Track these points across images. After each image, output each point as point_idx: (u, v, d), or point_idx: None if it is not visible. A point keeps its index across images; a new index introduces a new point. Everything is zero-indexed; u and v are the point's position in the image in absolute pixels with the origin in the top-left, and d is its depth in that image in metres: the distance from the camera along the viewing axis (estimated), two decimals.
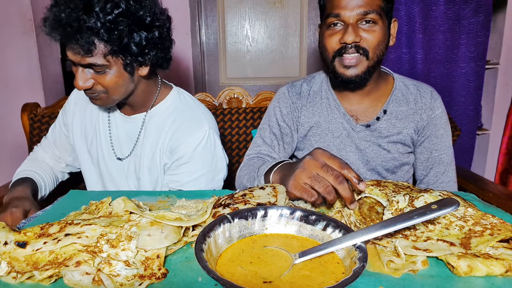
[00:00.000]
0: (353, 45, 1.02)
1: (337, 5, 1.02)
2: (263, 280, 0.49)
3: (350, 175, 0.72)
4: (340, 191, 0.72)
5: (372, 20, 1.02)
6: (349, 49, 1.03)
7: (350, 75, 1.06)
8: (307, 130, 1.22)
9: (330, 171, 0.73)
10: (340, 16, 1.02)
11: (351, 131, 1.17)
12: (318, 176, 0.74)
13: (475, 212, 0.68)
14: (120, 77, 1.05)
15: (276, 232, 0.62)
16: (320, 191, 0.73)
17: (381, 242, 0.62)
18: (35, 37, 2.11)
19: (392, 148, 1.16)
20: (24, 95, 2.12)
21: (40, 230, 0.61)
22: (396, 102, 1.17)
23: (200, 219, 0.65)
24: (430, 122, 1.16)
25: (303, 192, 0.76)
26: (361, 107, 1.17)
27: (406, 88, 1.19)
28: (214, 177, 1.17)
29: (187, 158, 1.13)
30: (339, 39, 1.04)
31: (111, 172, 1.24)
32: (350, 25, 1.02)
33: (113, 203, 0.71)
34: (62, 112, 1.33)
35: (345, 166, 0.73)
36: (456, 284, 0.54)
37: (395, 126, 1.15)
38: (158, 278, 0.55)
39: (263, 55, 2.72)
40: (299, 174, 0.76)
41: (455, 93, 2.26)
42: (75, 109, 1.29)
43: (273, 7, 2.63)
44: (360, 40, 1.02)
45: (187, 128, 1.14)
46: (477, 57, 2.19)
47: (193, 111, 1.19)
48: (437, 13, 2.11)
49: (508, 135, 2.33)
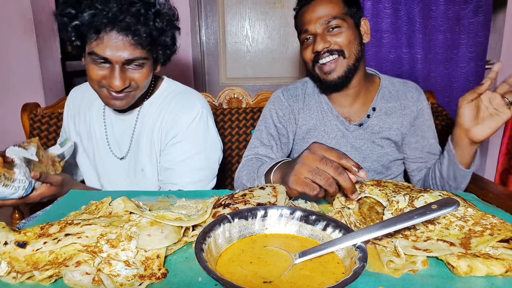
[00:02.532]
0: (324, 50, 1.14)
1: (304, 22, 1.17)
2: (263, 280, 0.49)
3: (349, 164, 0.73)
4: (340, 182, 0.73)
5: (336, 26, 1.13)
6: (322, 55, 1.15)
7: (332, 79, 1.16)
8: (305, 132, 1.29)
9: (329, 163, 0.74)
10: (308, 31, 1.16)
11: (345, 131, 1.24)
12: (318, 169, 0.75)
13: (475, 212, 0.68)
14: (150, 73, 1.07)
15: (276, 232, 0.62)
16: (321, 183, 0.74)
17: (381, 242, 0.62)
18: (35, 37, 2.11)
19: (384, 143, 1.24)
20: (24, 95, 2.12)
21: (40, 230, 0.61)
22: (384, 99, 1.25)
23: (200, 219, 0.65)
24: (419, 113, 1.25)
25: (305, 186, 0.76)
26: (352, 108, 1.26)
27: (392, 86, 1.28)
28: (209, 157, 1.17)
29: (180, 137, 1.13)
30: (311, 49, 1.16)
31: (109, 172, 1.24)
32: (318, 35, 1.14)
33: (113, 203, 0.71)
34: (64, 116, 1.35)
35: (343, 156, 0.74)
36: (456, 284, 0.54)
37: (385, 122, 1.24)
38: (158, 278, 0.55)
39: (263, 55, 2.72)
40: (299, 169, 0.77)
41: (455, 93, 2.26)
42: (72, 113, 1.30)
43: (273, 7, 2.63)
44: (329, 45, 1.13)
45: (180, 109, 1.15)
46: (477, 57, 2.18)
47: (185, 93, 1.21)
48: (437, 13, 2.11)
49: (508, 135, 2.33)
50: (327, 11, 1.13)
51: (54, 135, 1.57)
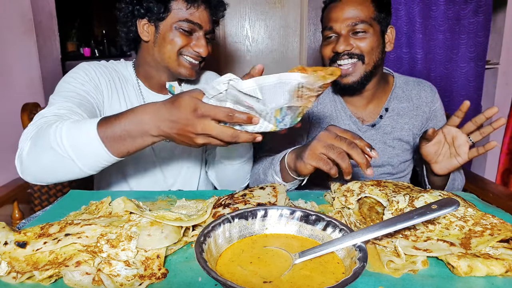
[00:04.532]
0: (345, 53, 1.11)
1: (330, 18, 1.13)
2: (263, 280, 0.49)
3: (362, 144, 0.78)
4: (354, 156, 0.77)
5: (362, 30, 1.10)
6: (341, 57, 1.12)
7: (346, 82, 1.14)
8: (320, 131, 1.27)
9: (343, 140, 0.79)
10: (333, 29, 1.12)
11: (358, 131, 1.23)
12: (333, 145, 0.80)
13: (475, 212, 0.68)
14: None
15: (276, 232, 0.62)
16: (334, 157, 0.79)
17: (381, 242, 0.62)
18: (35, 37, 2.11)
19: (396, 144, 1.23)
20: (24, 95, 2.12)
21: (40, 230, 0.61)
22: (397, 99, 1.23)
23: (200, 219, 0.65)
24: (431, 114, 1.24)
25: (319, 161, 0.81)
26: (366, 109, 1.24)
27: (406, 85, 1.26)
28: None
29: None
30: (332, 48, 1.13)
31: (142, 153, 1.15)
32: (341, 36, 1.11)
33: (113, 203, 0.71)
34: (86, 76, 1.09)
35: (357, 137, 0.79)
36: (456, 284, 0.54)
37: (397, 122, 1.22)
38: (158, 278, 0.55)
39: (263, 55, 2.72)
40: (315, 145, 0.82)
41: (455, 93, 2.25)
42: (100, 88, 1.12)
43: (273, 7, 2.63)
44: (351, 48, 1.10)
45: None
46: (477, 57, 2.18)
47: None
48: (437, 13, 2.11)
49: (510, 135, 2.33)
50: (356, 13, 1.09)
51: None
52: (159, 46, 1.10)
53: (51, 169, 0.82)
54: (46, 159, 0.80)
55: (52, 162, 0.79)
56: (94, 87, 1.08)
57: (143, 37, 1.12)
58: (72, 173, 0.81)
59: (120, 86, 1.17)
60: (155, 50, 1.11)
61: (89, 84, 1.07)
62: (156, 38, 1.10)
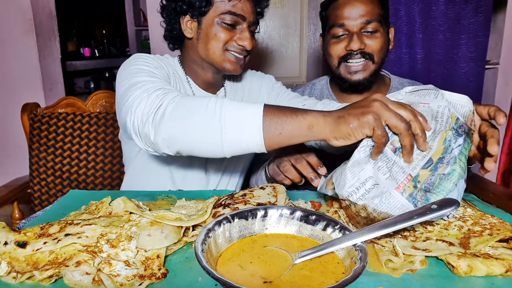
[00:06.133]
0: (358, 51, 1.09)
1: (341, 16, 1.10)
2: (263, 280, 0.49)
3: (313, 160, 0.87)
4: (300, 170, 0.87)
5: (374, 29, 1.09)
6: (354, 55, 1.10)
7: (357, 79, 1.13)
8: None
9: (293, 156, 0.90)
10: (345, 26, 1.10)
11: None
12: (283, 159, 0.91)
13: (474, 212, 0.68)
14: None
15: (276, 232, 0.62)
16: (282, 171, 0.90)
17: (380, 242, 0.62)
18: (35, 37, 2.12)
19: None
20: (24, 95, 2.12)
21: (40, 230, 0.61)
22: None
23: (200, 219, 0.65)
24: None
25: (277, 175, 0.92)
26: None
27: (402, 86, 1.26)
28: None
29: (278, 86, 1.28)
30: (344, 47, 1.11)
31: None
32: (354, 33, 1.09)
33: (113, 203, 0.71)
34: (157, 63, 1.07)
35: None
36: (456, 284, 0.54)
37: None
38: (158, 278, 0.55)
39: (263, 55, 2.72)
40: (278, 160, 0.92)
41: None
42: (169, 79, 1.12)
43: (273, 7, 2.63)
44: (364, 47, 1.09)
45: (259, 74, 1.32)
46: (477, 57, 2.18)
47: (257, 72, 1.36)
48: (437, 13, 2.11)
49: (510, 135, 2.33)
50: (368, 10, 1.08)
51: (54, 135, 1.57)
52: (203, 43, 1.08)
53: (192, 132, 0.75)
54: (194, 121, 0.74)
55: (199, 125, 0.74)
56: (167, 76, 1.07)
57: (187, 34, 1.09)
58: (206, 145, 0.75)
59: (174, 81, 1.14)
60: (199, 46, 1.09)
61: (162, 71, 1.05)
62: (199, 34, 1.08)
